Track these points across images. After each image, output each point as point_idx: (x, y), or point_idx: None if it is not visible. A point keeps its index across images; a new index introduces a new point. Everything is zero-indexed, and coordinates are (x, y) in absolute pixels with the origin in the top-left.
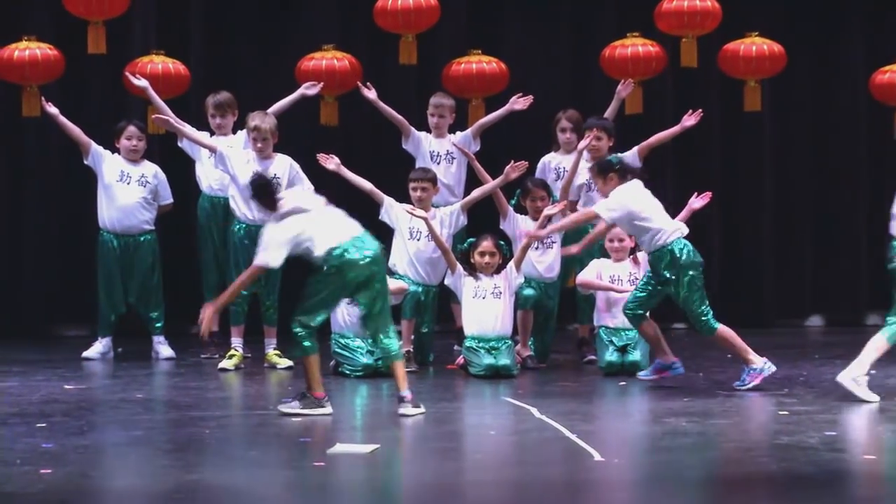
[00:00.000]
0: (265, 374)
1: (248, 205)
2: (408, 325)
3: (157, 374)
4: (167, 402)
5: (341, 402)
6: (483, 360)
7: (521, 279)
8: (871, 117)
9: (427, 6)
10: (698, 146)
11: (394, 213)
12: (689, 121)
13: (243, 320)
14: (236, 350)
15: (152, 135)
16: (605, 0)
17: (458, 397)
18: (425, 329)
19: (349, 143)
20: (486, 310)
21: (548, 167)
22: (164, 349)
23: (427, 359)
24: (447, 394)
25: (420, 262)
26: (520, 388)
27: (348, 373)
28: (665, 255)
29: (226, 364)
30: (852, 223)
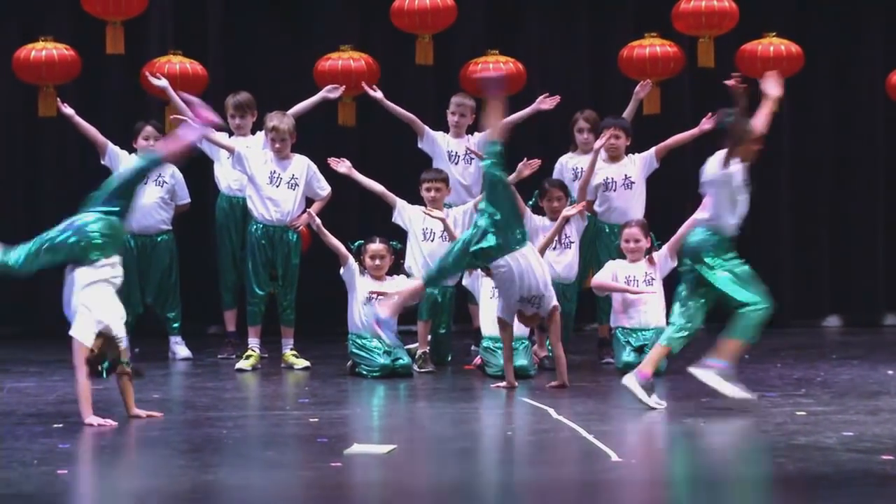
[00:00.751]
0: (282, 374)
1: (265, 205)
2: (423, 326)
3: (174, 375)
4: (184, 402)
5: (358, 403)
6: (500, 360)
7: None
8: (889, 118)
9: (444, 6)
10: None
11: (407, 214)
12: (708, 124)
13: (260, 321)
14: (253, 350)
15: None
16: (622, 0)
17: (475, 398)
18: (443, 330)
19: (366, 144)
20: None
21: (565, 168)
22: (181, 349)
23: (445, 359)
24: (465, 394)
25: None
26: (537, 388)
27: (365, 373)
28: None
29: (243, 364)
30: (870, 223)
